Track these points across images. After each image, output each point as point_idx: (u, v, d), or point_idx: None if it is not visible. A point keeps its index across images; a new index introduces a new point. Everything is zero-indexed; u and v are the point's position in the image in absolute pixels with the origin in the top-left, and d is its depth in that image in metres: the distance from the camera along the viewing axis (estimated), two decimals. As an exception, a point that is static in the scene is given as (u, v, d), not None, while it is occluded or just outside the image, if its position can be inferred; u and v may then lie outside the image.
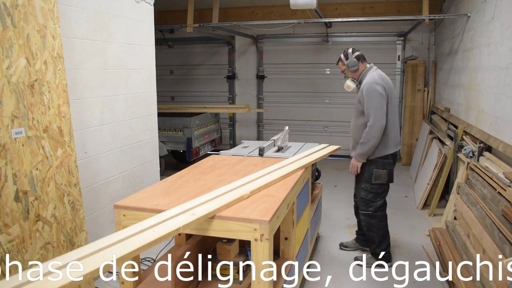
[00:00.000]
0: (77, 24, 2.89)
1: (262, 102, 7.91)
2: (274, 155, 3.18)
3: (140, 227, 1.67)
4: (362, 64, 3.21)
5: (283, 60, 7.68)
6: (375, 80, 3.05)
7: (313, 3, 4.59)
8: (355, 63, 3.17)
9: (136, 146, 3.70)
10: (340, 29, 7.21)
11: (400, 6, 6.59)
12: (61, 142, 2.45)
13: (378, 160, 3.12)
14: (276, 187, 2.31)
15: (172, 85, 8.30)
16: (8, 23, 2.07)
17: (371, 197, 3.22)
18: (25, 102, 2.18)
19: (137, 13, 3.60)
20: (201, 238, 2.39)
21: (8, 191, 2.08)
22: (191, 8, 5.85)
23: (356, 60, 3.17)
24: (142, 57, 3.72)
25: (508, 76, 3.14)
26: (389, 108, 3.07)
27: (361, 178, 3.28)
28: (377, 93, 3.01)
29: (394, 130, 3.13)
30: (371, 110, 3.01)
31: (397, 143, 3.19)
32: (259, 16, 7.22)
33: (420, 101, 6.73)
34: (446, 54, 5.78)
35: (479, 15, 4.04)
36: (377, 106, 3.00)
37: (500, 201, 2.65)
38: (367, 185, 3.21)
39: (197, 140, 6.16)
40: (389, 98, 3.07)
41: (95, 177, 3.15)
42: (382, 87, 3.03)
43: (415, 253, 3.54)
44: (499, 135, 3.23)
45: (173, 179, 2.49)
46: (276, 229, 2.01)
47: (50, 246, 2.35)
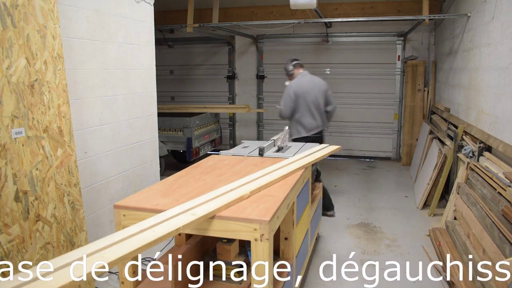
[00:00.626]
0: (77, 24, 2.89)
1: (262, 102, 7.91)
2: (274, 155, 3.18)
3: (140, 227, 1.67)
4: (297, 70, 4.47)
5: (283, 60, 7.60)
6: (290, 84, 4.44)
7: (313, 3, 4.59)
8: (291, 69, 4.50)
9: (136, 146, 3.70)
10: (340, 29, 7.21)
11: (400, 6, 6.59)
12: (61, 142, 2.45)
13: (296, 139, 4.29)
14: (276, 187, 2.31)
15: (172, 85, 8.30)
16: (8, 23, 2.07)
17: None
18: (25, 102, 2.18)
19: (137, 13, 3.60)
20: (201, 238, 2.39)
21: (8, 191, 2.08)
22: (191, 8, 5.85)
23: (293, 67, 4.48)
24: (142, 57, 3.72)
25: (508, 76, 3.14)
26: (299, 103, 4.29)
27: None
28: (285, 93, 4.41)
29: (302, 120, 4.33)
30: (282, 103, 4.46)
31: (309, 130, 4.32)
32: (259, 16, 7.22)
33: (420, 101, 6.73)
34: (446, 54, 5.77)
35: (479, 15, 4.03)
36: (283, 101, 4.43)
37: (500, 201, 2.65)
38: None
39: (197, 140, 6.16)
40: (297, 96, 4.29)
41: (95, 177, 3.15)
42: (292, 89, 4.33)
43: (415, 253, 3.54)
44: (499, 135, 3.23)
45: (173, 179, 2.49)
46: (276, 229, 2.01)
47: (50, 246, 2.35)
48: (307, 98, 4.27)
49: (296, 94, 4.27)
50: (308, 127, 4.31)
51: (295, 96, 4.27)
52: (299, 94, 4.27)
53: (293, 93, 4.28)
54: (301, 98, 4.28)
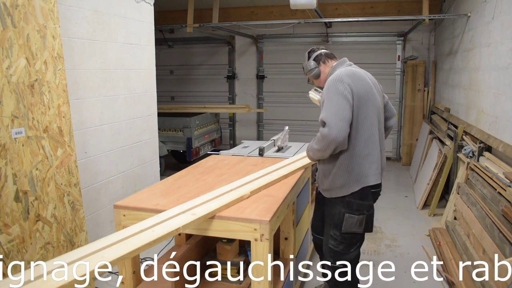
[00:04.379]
0: (77, 24, 2.89)
1: (262, 102, 7.91)
2: (274, 155, 3.18)
3: (140, 227, 1.67)
4: (325, 66, 2.31)
5: (283, 60, 7.68)
6: (339, 77, 2.07)
7: (313, 3, 4.59)
8: (313, 65, 2.30)
9: (136, 146, 3.69)
10: (340, 29, 7.21)
11: (400, 6, 6.59)
12: (61, 142, 2.45)
13: (351, 200, 2.09)
14: (276, 187, 2.31)
15: (172, 85, 8.30)
16: (8, 23, 2.07)
17: (342, 248, 2.17)
18: (25, 102, 2.18)
19: (137, 13, 3.60)
20: (201, 238, 2.39)
21: (8, 191, 2.08)
22: (191, 8, 5.85)
23: (315, 62, 2.31)
24: (142, 57, 3.72)
25: (508, 76, 3.14)
26: (362, 117, 2.05)
27: (328, 220, 2.23)
28: (337, 92, 2.01)
29: (372, 151, 2.08)
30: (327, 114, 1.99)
31: (378, 171, 2.11)
32: (259, 16, 7.22)
33: (420, 101, 6.73)
34: (446, 54, 5.77)
35: (479, 15, 4.03)
36: (336, 111, 1.97)
37: (500, 201, 2.65)
38: (336, 233, 2.16)
39: (197, 140, 6.16)
40: (361, 104, 2.05)
41: (95, 177, 3.15)
42: (347, 86, 2.03)
43: (415, 253, 3.54)
44: (499, 135, 3.23)
45: (173, 179, 2.49)
46: (276, 229, 2.01)
47: (50, 246, 2.35)
48: (371, 107, 2.11)
49: (355, 95, 2.04)
50: (377, 164, 2.13)
51: (353, 98, 2.04)
52: (360, 97, 2.06)
53: (351, 91, 2.03)
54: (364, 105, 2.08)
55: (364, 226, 2.12)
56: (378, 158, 2.10)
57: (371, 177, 2.08)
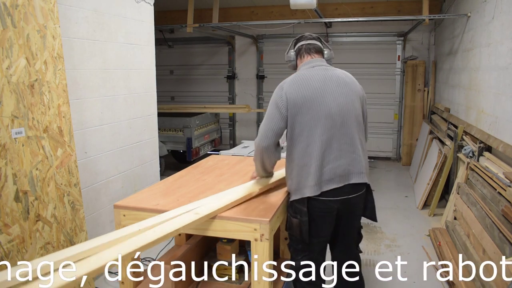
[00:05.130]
0: (77, 24, 2.89)
1: (262, 102, 7.90)
2: (274, 155, 3.17)
3: (139, 227, 1.67)
4: (300, 61, 2.21)
5: (283, 60, 7.57)
6: (283, 83, 2.08)
7: (313, 3, 4.59)
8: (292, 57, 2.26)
9: (136, 146, 3.69)
10: (340, 29, 7.21)
11: (400, 6, 6.59)
12: (61, 142, 2.45)
13: (293, 202, 2.05)
14: (276, 187, 2.31)
15: (172, 85, 8.30)
16: (8, 23, 2.07)
17: (292, 251, 2.16)
18: (25, 102, 2.18)
19: (137, 13, 3.60)
20: (201, 238, 2.39)
21: (8, 191, 2.08)
22: (191, 8, 5.85)
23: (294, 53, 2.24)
24: (142, 57, 3.72)
25: (508, 76, 3.14)
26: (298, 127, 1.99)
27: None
28: (273, 101, 2.04)
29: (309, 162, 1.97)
30: (263, 122, 2.07)
31: (314, 182, 1.95)
32: (259, 16, 7.22)
33: (420, 101, 6.73)
34: (446, 54, 5.77)
35: (479, 15, 4.03)
36: (266, 119, 2.04)
37: (500, 201, 2.65)
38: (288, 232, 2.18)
39: (197, 140, 6.16)
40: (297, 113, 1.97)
41: (95, 177, 3.15)
42: (284, 94, 2.00)
43: (415, 253, 3.54)
44: (499, 135, 3.23)
45: (173, 179, 2.49)
46: (276, 229, 2.01)
47: (50, 246, 2.35)
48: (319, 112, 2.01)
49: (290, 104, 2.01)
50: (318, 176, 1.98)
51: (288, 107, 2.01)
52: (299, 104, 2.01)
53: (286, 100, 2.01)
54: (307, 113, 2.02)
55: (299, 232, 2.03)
56: (316, 170, 1.94)
57: (307, 189, 1.96)
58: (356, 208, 2.13)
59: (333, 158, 1.97)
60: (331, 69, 2.11)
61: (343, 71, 2.15)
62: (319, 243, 2.12)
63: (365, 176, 2.06)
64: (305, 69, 2.11)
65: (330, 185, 1.96)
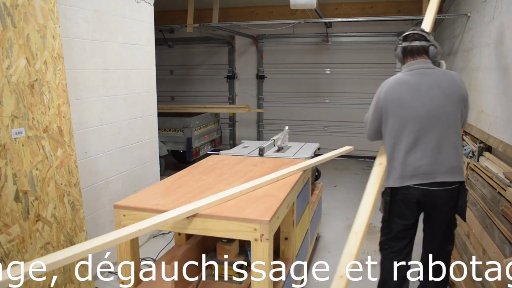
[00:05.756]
0: (77, 24, 2.89)
1: (262, 102, 7.91)
2: (274, 155, 3.18)
3: (139, 227, 1.67)
4: (404, 61, 2.41)
5: (283, 60, 7.68)
6: (384, 83, 2.40)
7: (313, 3, 4.59)
8: (399, 56, 2.43)
9: (136, 146, 3.69)
10: (340, 29, 7.21)
11: (400, 6, 6.59)
12: (61, 142, 2.45)
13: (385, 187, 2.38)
14: (276, 187, 2.31)
15: (172, 85, 8.30)
16: (8, 23, 2.07)
17: (380, 229, 2.64)
18: (25, 102, 2.18)
19: (137, 13, 3.60)
20: (201, 238, 2.39)
21: (8, 191, 2.08)
22: (191, 8, 5.85)
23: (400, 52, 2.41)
24: (142, 57, 3.72)
25: (508, 76, 3.14)
26: (389, 126, 2.26)
27: None
28: (374, 99, 2.39)
29: (394, 157, 2.25)
30: (367, 114, 2.50)
31: (397, 176, 2.25)
32: (259, 16, 7.22)
33: (420, 101, 6.72)
34: (446, 54, 5.77)
35: (479, 15, 4.03)
36: (369, 115, 2.42)
37: (500, 201, 2.65)
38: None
39: (197, 140, 6.16)
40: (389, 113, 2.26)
41: (95, 177, 3.15)
42: (382, 95, 2.32)
43: (415, 253, 3.53)
44: (499, 135, 3.23)
45: (173, 179, 2.49)
46: (276, 229, 2.01)
47: (50, 246, 2.35)
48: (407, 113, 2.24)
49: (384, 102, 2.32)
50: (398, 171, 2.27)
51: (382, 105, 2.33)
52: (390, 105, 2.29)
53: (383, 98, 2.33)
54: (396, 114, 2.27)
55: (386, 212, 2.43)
56: (400, 166, 2.22)
57: (391, 181, 2.29)
58: (440, 202, 2.26)
59: (417, 158, 2.19)
60: (429, 72, 2.26)
61: (445, 72, 2.30)
62: (397, 225, 2.43)
63: (454, 175, 2.21)
64: (403, 73, 2.34)
65: (413, 180, 2.20)
